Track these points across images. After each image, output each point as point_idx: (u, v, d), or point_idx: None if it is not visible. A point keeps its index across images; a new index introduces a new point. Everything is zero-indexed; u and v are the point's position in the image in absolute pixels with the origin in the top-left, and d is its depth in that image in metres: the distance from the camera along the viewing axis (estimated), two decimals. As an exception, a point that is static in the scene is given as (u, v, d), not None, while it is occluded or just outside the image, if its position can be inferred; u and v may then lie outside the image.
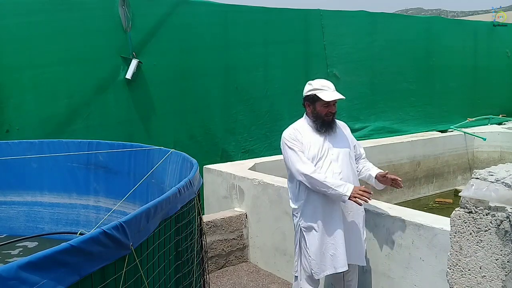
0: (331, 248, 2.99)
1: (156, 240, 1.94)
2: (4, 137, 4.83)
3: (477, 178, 1.87)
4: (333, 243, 2.99)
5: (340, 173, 3.01)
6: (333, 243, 2.99)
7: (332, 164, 3.02)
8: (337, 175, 3.00)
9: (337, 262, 2.98)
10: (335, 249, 2.98)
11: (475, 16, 18.09)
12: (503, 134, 8.04)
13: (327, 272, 3.02)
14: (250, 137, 6.68)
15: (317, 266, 3.03)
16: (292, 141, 3.06)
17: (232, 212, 4.63)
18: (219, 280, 4.20)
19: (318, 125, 3.07)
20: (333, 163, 3.02)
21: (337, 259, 2.98)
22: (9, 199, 4.72)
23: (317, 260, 3.02)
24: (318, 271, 3.03)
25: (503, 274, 1.76)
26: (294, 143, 3.04)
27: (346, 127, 3.30)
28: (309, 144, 3.05)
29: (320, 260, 3.01)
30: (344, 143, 3.14)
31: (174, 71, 6.00)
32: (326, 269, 3.01)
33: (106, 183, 4.48)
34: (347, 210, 3.05)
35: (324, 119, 3.05)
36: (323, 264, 3.01)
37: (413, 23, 8.80)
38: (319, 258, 3.02)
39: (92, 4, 5.39)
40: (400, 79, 8.38)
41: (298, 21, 7.16)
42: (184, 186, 2.26)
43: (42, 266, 1.27)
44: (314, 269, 3.04)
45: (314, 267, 3.04)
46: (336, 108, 3.10)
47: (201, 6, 6.26)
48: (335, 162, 3.03)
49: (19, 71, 5.04)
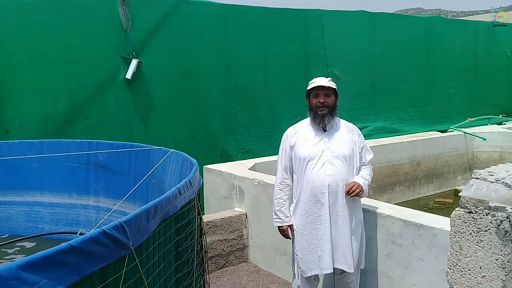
0: (318, 249, 3.00)
1: (156, 240, 1.94)
2: (4, 137, 4.83)
3: (477, 178, 1.87)
4: (320, 244, 3.00)
5: (331, 175, 2.99)
6: (320, 244, 3.00)
7: (325, 166, 3.00)
8: (328, 177, 2.98)
9: (323, 263, 2.99)
10: (321, 251, 2.99)
11: (475, 16, 18.10)
12: (503, 134, 8.04)
13: (314, 272, 3.04)
14: (250, 137, 6.68)
15: (304, 265, 3.06)
16: (283, 142, 3.22)
17: (232, 212, 4.63)
18: (219, 280, 4.20)
19: (313, 119, 3.10)
20: (326, 164, 3.01)
21: (323, 260, 2.98)
22: (9, 199, 4.72)
23: (305, 259, 3.05)
24: (306, 270, 3.05)
25: (503, 274, 1.76)
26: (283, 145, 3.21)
27: (353, 130, 3.21)
28: (304, 141, 3.07)
29: (308, 260, 3.04)
30: (344, 146, 3.08)
31: (174, 71, 6.00)
32: (313, 268, 3.03)
33: (106, 183, 4.48)
34: (336, 214, 3.00)
35: (317, 112, 3.06)
36: (310, 264, 3.03)
37: (413, 23, 8.80)
38: (307, 257, 3.04)
39: (92, 4, 5.39)
40: (400, 79, 8.38)
41: (298, 21, 7.17)
42: (184, 186, 2.26)
43: (42, 266, 1.27)
44: (302, 268, 3.07)
45: (301, 265, 3.07)
46: (331, 103, 3.06)
47: (201, 6, 6.26)
48: (328, 164, 3.01)
49: (19, 71, 5.04)
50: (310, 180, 3.01)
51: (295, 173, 3.14)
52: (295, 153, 3.11)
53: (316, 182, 2.99)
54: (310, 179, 3.01)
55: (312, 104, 3.09)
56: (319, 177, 2.99)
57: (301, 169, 3.06)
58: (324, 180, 2.98)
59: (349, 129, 3.18)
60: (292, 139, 3.14)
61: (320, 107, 3.05)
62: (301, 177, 3.08)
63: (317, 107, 3.05)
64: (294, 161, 3.14)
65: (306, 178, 3.04)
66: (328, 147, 3.04)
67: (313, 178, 3.00)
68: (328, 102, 3.06)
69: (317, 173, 2.99)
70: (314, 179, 3.00)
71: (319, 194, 2.98)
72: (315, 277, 3.16)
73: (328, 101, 3.06)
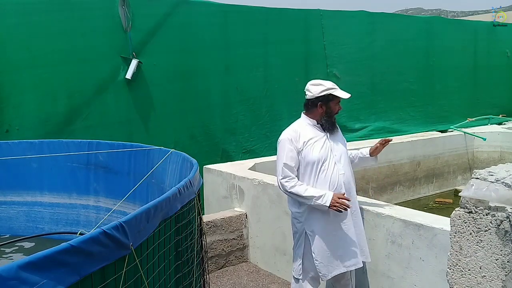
0: (340, 248, 3.00)
1: (156, 240, 1.94)
2: (4, 137, 4.83)
3: (477, 178, 1.87)
4: (343, 242, 3.00)
5: (343, 174, 3.04)
6: (343, 242, 3.00)
7: (337, 165, 3.02)
8: (342, 176, 3.02)
9: (350, 260, 3.02)
10: (347, 248, 3.00)
11: (475, 16, 18.11)
12: (503, 134, 8.04)
13: (335, 273, 3.02)
14: (251, 137, 6.68)
15: (325, 268, 3.01)
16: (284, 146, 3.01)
17: (232, 212, 4.63)
18: (219, 280, 4.20)
19: (329, 124, 3.07)
20: (337, 164, 3.03)
21: (349, 257, 3.01)
22: (9, 199, 4.72)
23: (325, 262, 3.00)
24: (326, 273, 3.01)
25: (503, 274, 1.76)
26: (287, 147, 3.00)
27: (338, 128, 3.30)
28: (313, 144, 3.01)
29: (328, 262, 3.00)
30: (343, 143, 3.18)
31: (174, 71, 6.00)
32: (333, 270, 3.01)
33: (106, 183, 4.48)
34: (352, 210, 3.03)
35: (334, 118, 3.11)
36: (330, 266, 3.00)
37: (413, 23, 8.80)
38: (327, 260, 3.00)
39: (92, 4, 5.39)
40: (400, 79, 8.38)
41: (298, 21, 7.16)
42: (184, 186, 2.26)
43: (42, 266, 1.27)
44: (322, 272, 3.01)
45: (322, 269, 3.01)
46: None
47: (201, 6, 6.26)
48: (338, 163, 3.04)
49: (19, 71, 5.04)
50: (326, 181, 2.97)
51: (304, 178, 3.02)
52: (304, 157, 3.00)
53: (333, 183, 2.98)
54: (326, 181, 2.98)
55: (334, 109, 3.09)
56: (335, 177, 2.99)
57: (314, 172, 2.99)
58: (340, 179, 3.01)
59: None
60: (298, 143, 3.01)
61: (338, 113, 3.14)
62: (314, 180, 2.99)
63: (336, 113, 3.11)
64: (303, 166, 3.01)
65: (321, 180, 2.98)
66: (333, 147, 3.06)
67: (330, 179, 2.98)
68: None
69: (332, 174, 2.99)
70: (331, 180, 2.98)
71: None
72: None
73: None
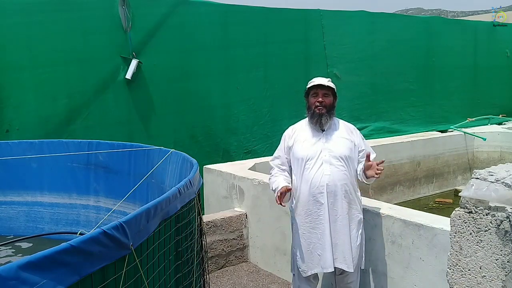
0: (319, 248, 3.00)
1: (156, 240, 1.94)
2: (4, 137, 4.83)
3: (477, 178, 1.87)
4: (320, 243, 3.00)
5: (329, 175, 2.99)
6: (320, 243, 3.00)
7: (323, 166, 3.01)
8: (326, 177, 2.98)
9: (324, 262, 2.99)
10: (322, 250, 2.99)
11: (475, 16, 18.11)
12: (503, 134, 8.04)
13: (314, 271, 3.04)
14: (252, 137, 6.68)
15: (304, 265, 3.05)
16: (282, 141, 3.25)
17: (232, 212, 4.63)
18: (219, 280, 4.20)
19: (310, 118, 3.10)
20: (325, 164, 3.01)
21: (324, 259, 2.99)
22: (9, 199, 4.71)
23: (304, 258, 3.04)
24: (306, 269, 3.05)
25: (503, 274, 1.76)
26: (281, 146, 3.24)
27: (353, 131, 3.19)
28: (302, 142, 3.09)
29: (307, 259, 3.03)
30: (342, 146, 3.07)
31: (174, 71, 6.00)
32: (313, 267, 3.03)
33: (106, 183, 4.48)
34: (335, 213, 3.00)
35: (315, 111, 3.06)
36: (310, 263, 3.03)
37: (413, 23, 8.79)
38: (307, 257, 3.03)
39: (92, 4, 5.39)
40: (400, 79, 8.37)
41: (298, 21, 7.16)
42: (184, 186, 2.26)
43: (42, 266, 1.27)
44: (301, 267, 3.07)
45: (301, 265, 3.07)
46: (329, 103, 3.06)
47: (201, 6, 6.26)
48: (326, 164, 3.01)
49: (19, 71, 5.03)
50: (308, 180, 3.02)
51: (294, 174, 3.15)
52: (293, 154, 3.12)
53: (315, 182, 2.99)
54: (308, 179, 3.02)
55: (311, 102, 3.09)
56: (317, 177, 2.99)
57: (300, 169, 3.07)
58: (323, 180, 2.98)
59: (348, 130, 3.17)
60: (290, 140, 3.16)
61: (318, 106, 3.05)
62: (300, 178, 3.08)
63: (315, 106, 3.05)
64: (292, 162, 3.15)
65: (305, 178, 3.04)
66: (327, 147, 3.04)
67: (312, 178, 3.00)
68: (326, 102, 3.05)
69: (316, 173, 3.00)
70: (312, 179, 3.00)
71: (318, 194, 2.99)
72: (314, 277, 3.16)
73: (326, 101, 3.06)
